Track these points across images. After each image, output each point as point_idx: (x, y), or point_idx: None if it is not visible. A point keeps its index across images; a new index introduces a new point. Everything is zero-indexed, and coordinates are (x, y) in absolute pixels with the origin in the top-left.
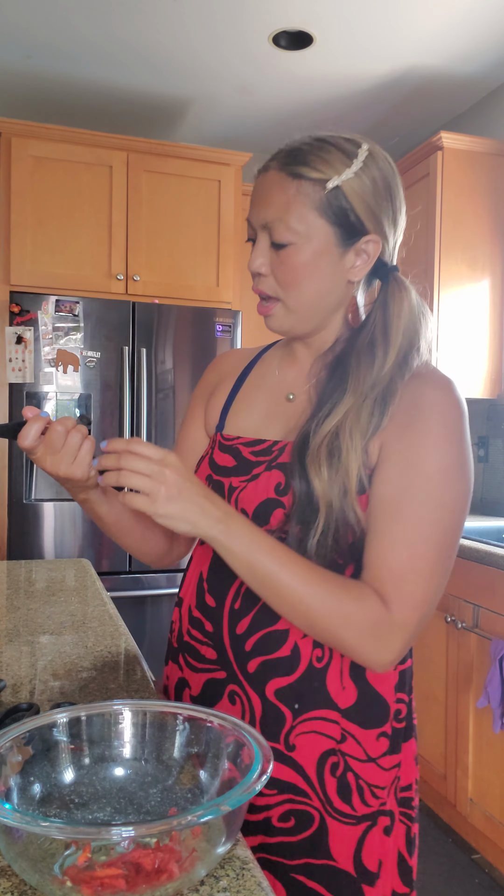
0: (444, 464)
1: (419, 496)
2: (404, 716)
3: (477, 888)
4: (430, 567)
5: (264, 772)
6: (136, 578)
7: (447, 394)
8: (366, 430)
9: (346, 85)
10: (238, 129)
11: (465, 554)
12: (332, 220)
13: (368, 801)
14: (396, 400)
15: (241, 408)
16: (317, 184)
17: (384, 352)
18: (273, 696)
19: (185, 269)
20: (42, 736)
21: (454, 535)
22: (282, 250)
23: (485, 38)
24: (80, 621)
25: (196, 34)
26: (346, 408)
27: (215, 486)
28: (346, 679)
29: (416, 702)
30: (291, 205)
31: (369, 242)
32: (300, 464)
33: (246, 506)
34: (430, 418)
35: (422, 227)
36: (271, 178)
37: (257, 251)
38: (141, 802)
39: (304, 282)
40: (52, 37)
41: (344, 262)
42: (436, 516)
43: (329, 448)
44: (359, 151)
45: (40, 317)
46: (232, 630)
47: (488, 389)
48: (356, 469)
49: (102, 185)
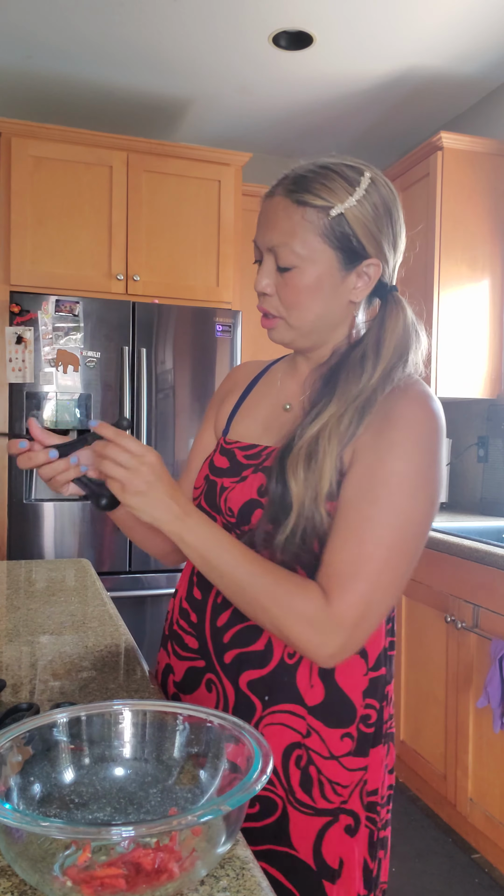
0: (406, 471)
1: (376, 499)
2: (374, 721)
3: (477, 888)
4: (377, 568)
5: (264, 772)
6: (136, 578)
7: (421, 407)
8: (343, 436)
9: (346, 85)
10: (238, 129)
11: (465, 554)
12: (334, 245)
13: (329, 796)
14: (374, 410)
15: (244, 415)
16: (320, 211)
17: (373, 365)
18: (245, 686)
19: (185, 269)
20: (42, 736)
21: (410, 543)
22: (286, 273)
23: (485, 38)
24: (80, 621)
25: (196, 34)
26: (328, 415)
27: (210, 485)
28: (314, 678)
29: (417, 701)
30: (296, 230)
31: (370, 265)
32: (280, 465)
33: (232, 505)
34: (400, 429)
35: (422, 227)
36: (277, 203)
37: (263, 272)
38: (141, 802)
39: (307, 303)
40: (52, 37)
41: (346, 284)
42: (391, 520)
43: (308, 451)
44: (361, 179)
45: (40, 317)
46: (213, 622)
47: (488, 389)
48: (329, 473)
49: (102, 185)
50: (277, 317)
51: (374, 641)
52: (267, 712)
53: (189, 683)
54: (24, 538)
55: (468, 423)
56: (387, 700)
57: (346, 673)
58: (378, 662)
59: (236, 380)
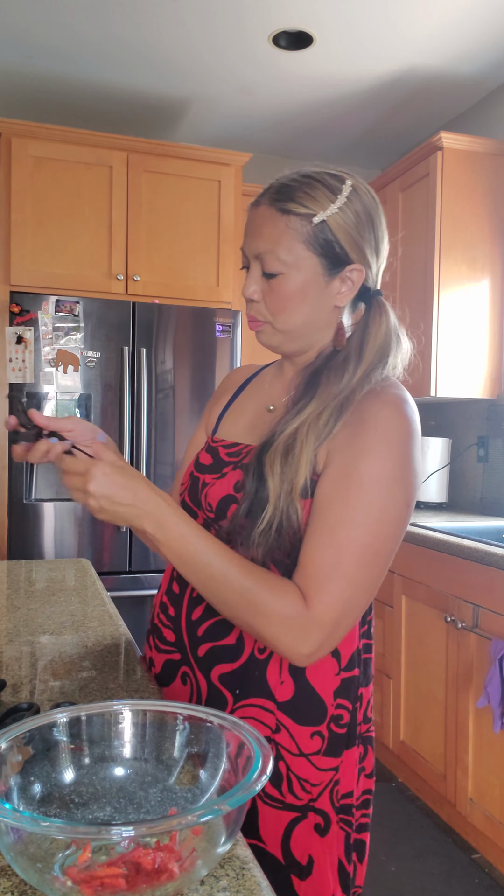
0: (380, 473)
1: (350, 500)
2: (346, 722)
3: (477, 888)
4: (353, 569)
5: (264, 772)
6: (136, 578)
7: (394, 410)
8: (321, 433)
9: (346, 85)
10: (238, 129)
11: (465, 554)
12: (318, 252)
13: (297, 793)
14: (350, 410)
15: (231, 416)
16: (303, 218)
17: (355, 366)
18: (217, 680)
19: (185, 270)
20: (42, 736)
21: (385, 543)
22: (272, 279)
23: (485, 38)
24: (80, 621)
25: (196, 34)
26: (308, 412)
27: (193, 481)
28: (284, 674)
29: (417, 701)
30: (281, 238)
31: (353, 271)
32: (258, 460)
33: (211, 500)
34: (374, 432)
35: (422, 227)
36: (262, 212)
37: (250, 279)
38: (141, 802)
39: (293, 308)
40: (52, 37)
41: (330, 289)
42: (365, 521)
43: (286, 446)
44: (343, 187)
45: (40, 317)
46: (189, 616)
47: (488, 389)
48: (305, 468)
49: (102, 185)
50: (264, 322)
51: (347, 642)
52: (238, 706)
53: (166, 676)
54: (24, 538)
55: (468, 423)
56: (360, 702)
57: (318, 672)
58: (351, 663)
59: (231, 382)
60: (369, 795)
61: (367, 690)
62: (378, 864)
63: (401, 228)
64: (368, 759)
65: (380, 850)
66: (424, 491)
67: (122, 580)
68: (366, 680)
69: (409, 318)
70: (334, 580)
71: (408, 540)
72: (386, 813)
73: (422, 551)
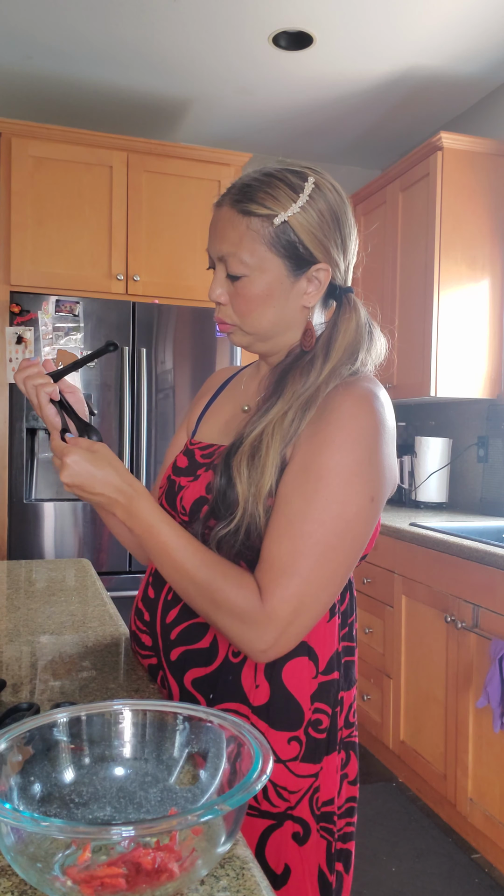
0: (340, 468)
1: (308, 493)
2: (325, 727)
3: (477, 888)
4: (310, 564)
5: (264, 772)
6: (136, 578)
7: (358, 403)
8: (286, 433)
9: (346, 85)
10: (238, 129)
11: (465, 554)
12: (281, 254)
13: (273, 800)
14: (315, 407)
15: (209, 418)
16: (264, 219)
17: (321, 364)
18: (190, 684)
19: (185, 270)
20: (42, 735)
21: (345, 538)
22: (237, 282)
23: (485, 38)
24: (80, 621)
25: (196, 34)
26: (273, 412)
27: (170, 484)
28: (259, 677)
29: (417, 701)
30: (243, 240)
31: (320, 270)
32: (225, 463)
33: (186, 503)
34: (336, 425)
35: (422, 227)
36: (225, 213)
37: (215, 282)
38: (141, 802)
39: (258, 310)
40: (52, 37)
41: (296, 289)
42: (323, 516)
43: (252, 449)
44: (304, 185)
45: (40, 317)
46: (163, 619)
47: (488, 389)
48: (271, 470)
49: (102, 185)
50: (232, 325)
51: (325, 644)
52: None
53: None
54: (24, 538)
55: (468, 423)
56: (341, 706)
57: (293, 675)
58: (330, 666)
59: (211, 385)
60: (353, 803)
61: (349, 694)
62: (378, 864)
63: (401, 228)
64: (352, 766)
65: (380, 850)
66: (424, 491)
67: (122, 580)
68: (347, 684)
69: (409, 318)
70: (289, 574)
71: (408, 540)
72: (386, 813)
73: (422, 551)
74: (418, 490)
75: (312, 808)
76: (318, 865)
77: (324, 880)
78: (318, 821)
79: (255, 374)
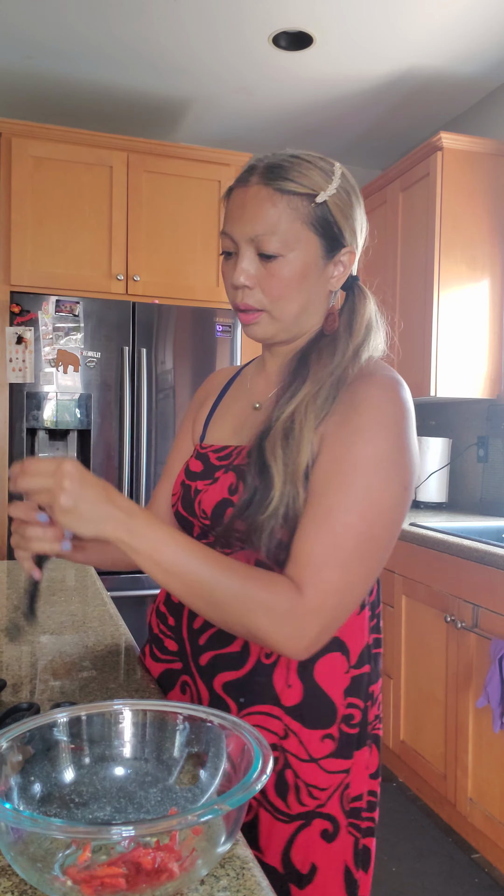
0: (373, 456)
1: (343, 485)
2: (357, 722)
3: (477, 888)
4: (349, 556)
5: (264, 772)
6: (136, 578)
7: (387, 391)
8: (320, 412)
9: (346, 85)
10: (238, 129)
11: (465, 554)
12: (319, 233)
13: (304, 800)
14: (346, 384)
15: (218, 420)
16: (305, 198)
17: (346, 343)
18: (220, 688)
19: (185, 269)
20: (42, 735)
21: (381, 529)
22: (270, 263)
23: (485, 38)
24: (80, 621)
25: (196, 34)
26: (303, 394)
27: (185, 489)
28: (292, 677)
29: (417, 701)
30: (281, 218)
31: (347, 253)
32: (259, 449)
33: (205, 507)
34: (366, 414)
35: (422, 227)
36: (257, 191)
37: (244, 264)
38: (141, 802)
39: (292, 293)
40: (52, 37)
41: (326, 273)
42: (360, 507)
43: (284, 430)
44: (334, 168)
45: (40, 317)
46: (190, 625)
47: (488, 389)
48: (307, 449)
49: (102, 185)
50: (260, 310)
51: (356, 637)
52: (242, 714)
53: (164, 685)
54: None
55: (468, 423)
56: (372, 700)
57: (326, 671)
58: (361, 660)
59: (210, 388)
60: (373, 798)
61: (377, 687)
62: (378, 864)
63: (401, 228)
64: (373, 758)
65: (380, 850)
66: (424, 491)
67: (122, 580)
68: (375, 676)
69: (409, 318)
70: (330, 567)
71: (408, 540)
72: (386, 813)
73: (422, 551)
74: (418, 490)
75: (342, 804)
76: (344, 863)
77: (349, 877)
78: (347, 816)
79: (260, 372)
